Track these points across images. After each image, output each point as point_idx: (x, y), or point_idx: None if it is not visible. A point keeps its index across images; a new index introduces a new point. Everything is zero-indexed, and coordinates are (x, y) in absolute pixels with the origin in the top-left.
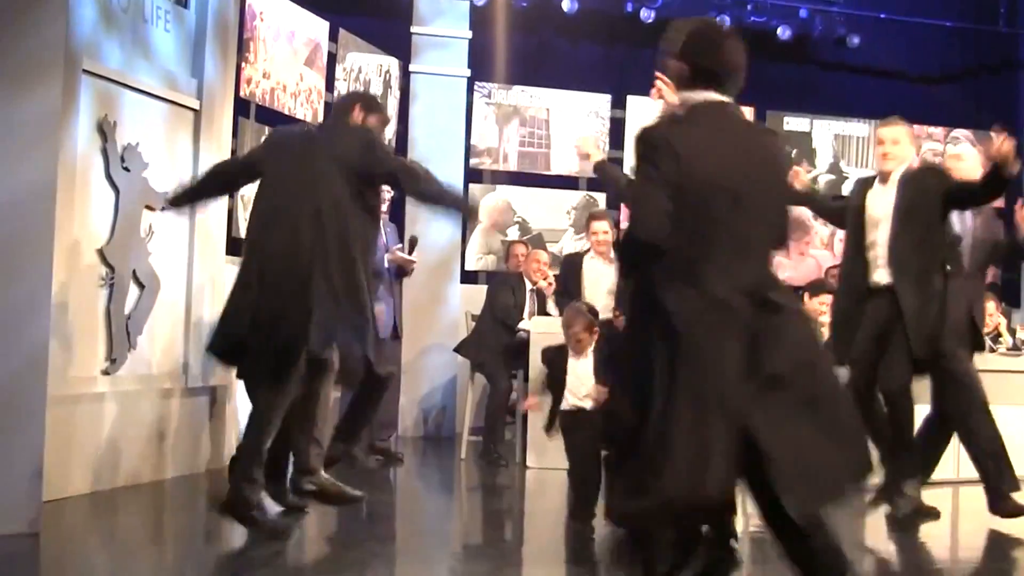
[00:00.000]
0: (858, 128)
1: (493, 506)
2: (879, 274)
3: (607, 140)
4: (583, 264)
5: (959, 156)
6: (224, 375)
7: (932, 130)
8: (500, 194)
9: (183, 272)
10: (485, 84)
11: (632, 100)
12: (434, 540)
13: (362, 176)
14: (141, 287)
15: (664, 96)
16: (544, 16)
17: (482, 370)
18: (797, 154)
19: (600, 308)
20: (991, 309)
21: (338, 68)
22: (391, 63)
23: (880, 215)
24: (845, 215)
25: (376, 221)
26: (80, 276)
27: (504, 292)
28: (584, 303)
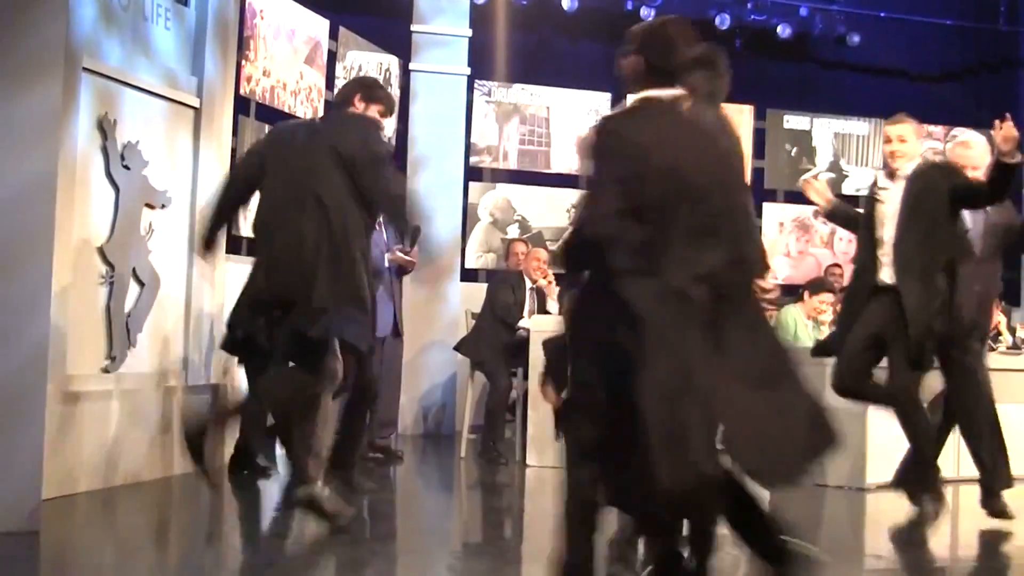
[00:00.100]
0: (858, 126)
1: (493, 504)
2: (885, 272)
3: None
4: None
5: (967, 143)
6: (224, 373)
7: (932, 128)
8: (500, 192)
9: (183, 270)
10: (485, 82)
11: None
12: (434, 538)
13: (359, 172)
14: (141, 285)
15: None
16: (544, 14)
17: (482, 368)
18: (797, 152)
19: None
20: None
21: (338, 66)
22: (391, 61)
23: (887, 213)
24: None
25: (374, 219)
26: (80, 274)
27: (504, 290)
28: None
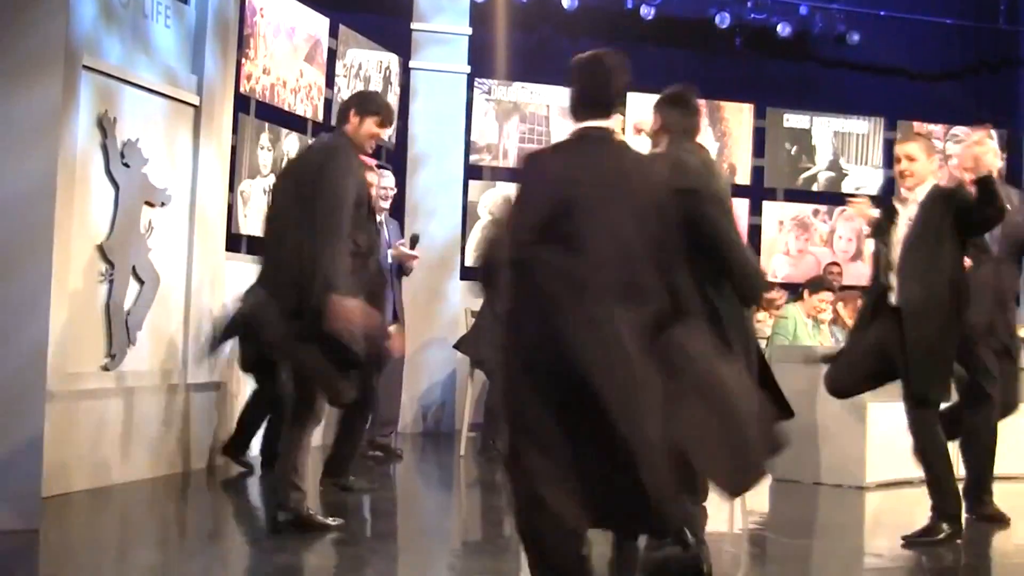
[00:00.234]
0: (858, 125)
1: (492, 502)
2: (893, 296)
3: None
4: None
5: (981, 143)
6: (224, 371)
7: (932, 127)
8: (500, 190)
9: (183, 268)
10: (485, 80)
11: (632, 97)
12: (433, 536)
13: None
14: (141, 283)
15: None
16: (544, 12)
17: (481, 367)
18: (797, 151)
19: None
20: None
21: (338, 64)
22: (391, 59)
23: (897, 237)
24: None
25: (359, 245)
26: (80, 272)
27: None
28: None
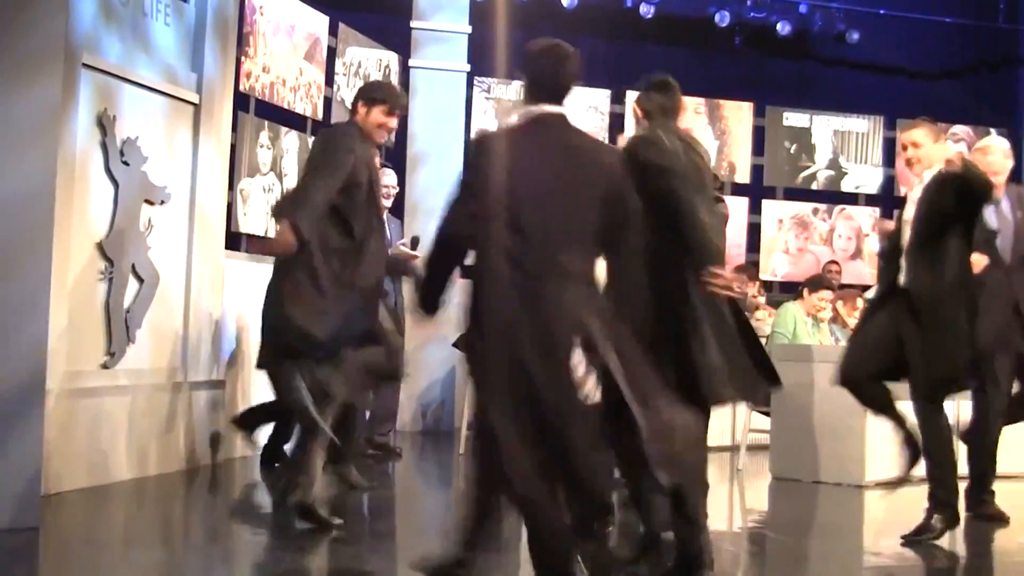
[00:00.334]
0: (857, 124)
1: None
2: (903, 278)
3: (606, 136)
4: None
5: (985, 149)
6: (224, 369)
7: (925, 119)
8: None
9: (182, 266)
10: (485, 79)
11: (632, 95)
12: (433, 535)
13: None
14: (140, 281)
15: None
16: (544, 11)
17: None
18: (796, 149)
19: None
20: None
21: (338, 63)
22: (391, 58)
23: (907, 220)
24: None
25: (353, 235)
26: (79, 270)
27: None
28: None
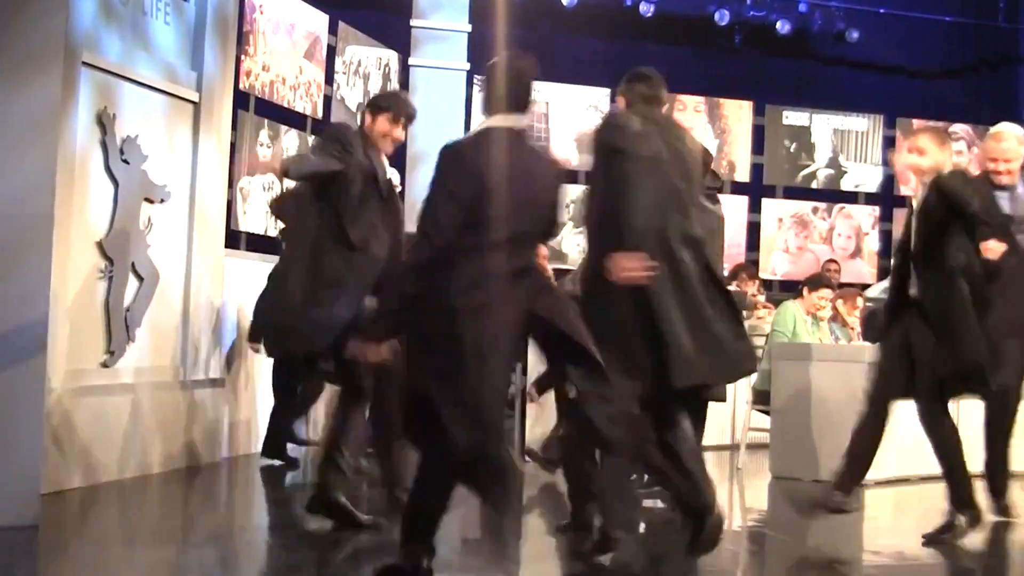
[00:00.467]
0: (857, 123)
1: None
2: (913, 285)
3: None
4: None
5: (999, 135)
6: (224, 368)
7: (932, 125)
8: None
9: (182, 264)
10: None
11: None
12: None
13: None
14: (140, 279)
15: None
16: (544, 9)
17: None
18: (796, 148)
19: None
20: None
21: (337, 61)
22: (390, 56)
23: (914, 226)
24: None
25: (345, 240)
26: (79, 268)
27: None
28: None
